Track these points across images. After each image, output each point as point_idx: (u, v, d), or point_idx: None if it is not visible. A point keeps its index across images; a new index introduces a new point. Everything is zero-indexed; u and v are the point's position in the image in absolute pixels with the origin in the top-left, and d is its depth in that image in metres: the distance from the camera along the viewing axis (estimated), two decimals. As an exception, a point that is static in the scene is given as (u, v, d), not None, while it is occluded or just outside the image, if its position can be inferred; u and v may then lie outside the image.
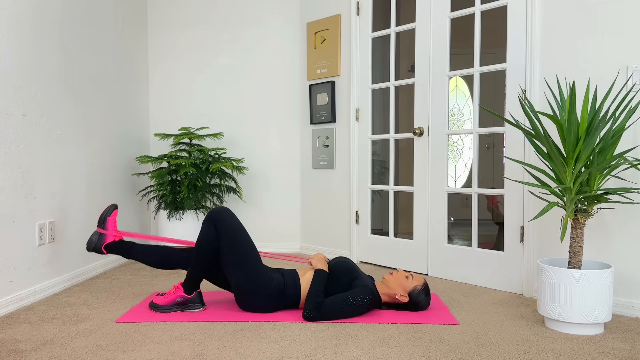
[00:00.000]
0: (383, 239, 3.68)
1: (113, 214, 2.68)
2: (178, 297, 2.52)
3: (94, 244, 2.65)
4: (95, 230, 2.68)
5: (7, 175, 2.55)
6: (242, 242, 2.46)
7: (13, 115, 2.60)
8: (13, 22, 2.60)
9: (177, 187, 3.81)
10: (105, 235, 2.66)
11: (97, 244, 2.65)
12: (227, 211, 2.51)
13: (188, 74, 4.31)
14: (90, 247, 2.66)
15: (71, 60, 3.13)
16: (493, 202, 4.45)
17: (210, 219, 2.48)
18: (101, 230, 2.66)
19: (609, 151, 2.23)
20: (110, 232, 2.66)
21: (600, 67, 2.60)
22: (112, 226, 2.67)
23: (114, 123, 3.70)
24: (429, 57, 3.35)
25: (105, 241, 2.65)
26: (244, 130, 4.29)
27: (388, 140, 4.17)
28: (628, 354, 2.00)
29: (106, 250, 2.66)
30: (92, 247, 2.65)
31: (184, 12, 4.29)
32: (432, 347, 2.06)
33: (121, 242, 2.67)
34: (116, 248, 2.66)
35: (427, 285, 2.55)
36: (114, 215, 2.68)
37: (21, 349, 2.03)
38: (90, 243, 2.65)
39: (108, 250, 2.66)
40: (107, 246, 2.65)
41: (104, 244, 2.65)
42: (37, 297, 2.76)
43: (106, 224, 2.66)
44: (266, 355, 1.97)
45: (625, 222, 2.54)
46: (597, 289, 2.20)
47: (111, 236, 2.66)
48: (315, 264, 2.56)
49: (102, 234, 2.66)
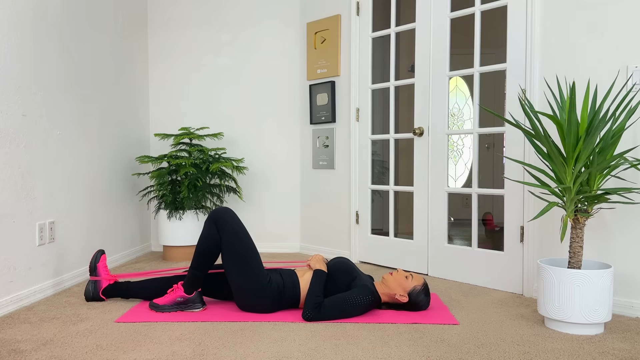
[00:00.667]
0: (383, 239, 3.68)
1: (102, 260, 2.72)
2: (178, 297, 2.53)
3: (91, 293, 2.70)
4: (89, 280, 2.71)
5: (7, 175, 2.55)
6: (243, 242, 2.46)
7: (13, 115, 2.60)
8: (13, 22, 2.60)
9: (177, 187, 3.81)
10: (100, 281, 2.70)
11: (94, 292, 2.70)
12: (228, 211, 2.51)
13: (188, 73, 4.31)
14: (89, 297, 2.70)
15: (71, 60, 3.13)
16: (490, 225, 4.44)
17: (211, 218, 2.48)
18: (94, 278, 2.70)
19: (609, 151, 2.23)
20: (103, 277, 2.71)
21: (600, 67, 2.61)
22: (104, 271, 2.72)
23: (114, 123, 3.70)
24: (429, 57, 3.35)
25: (101, 287, 2.70)
26: (244, 130, 4.29)
27: (388, 140, 4.18)
28: (628, 354, 2.00)
29: (104, 296, 2.70)
30: (90, 296, 2.70)
31: (184, 12, 4.29)
32: (432, 347, 2.06)
33: (116, 284, 2.72)
34: (113, 291, 2.71)
35: (426, 285, 2.55)
36: (103, 261, 2.73)
37: (21, 349, 2.03)
38: (87, 293, 2.70)
39: (106, 296, 2.71)
40: (104, 292, 2.70)
41: (100, 290, 2.70)
42: (37, 297, 2.76)
43: (97, 270, 2.70)
44: (266, 355, 1.97)
45: (625, 222, 2.54)
46: (597, 289, 2.20)
47: (105, 281, 2.71)
48: (314, 265, 2.56)
49: (96, 282, 2.71)
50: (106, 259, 2.77)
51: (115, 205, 3.70)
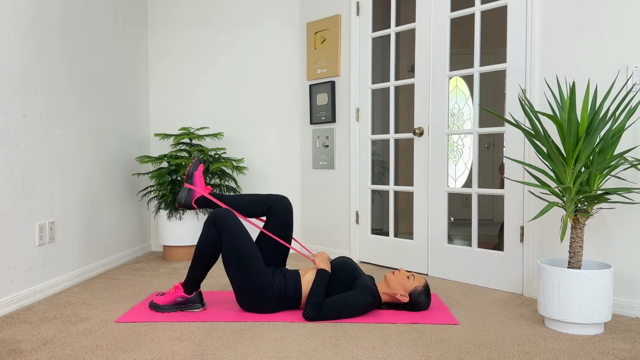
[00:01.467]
0: (383, 239, 3.68)
1: (199, 169, 2.66)
2: (178, 297, 2.53)
3: (184, 200, 2.63)
4: (184, 187, 2.65)
5: (7, 175, 2.56)
6: (243, 243, 2.45)
7: (13, 115, 2.60)
8: (13, 22, 2.60)
9: (177, 187, 3.81)
10: (194, 190, 2.64)
11: (187, 199, 2.63)
12: (228, 212, 2.51)
13: (188, 73, 4.31)
14: (181, 203, 2.63)
15: (71, 60, 3.13)
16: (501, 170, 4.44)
17: (211, 219, 2.48)
18: (189, 185, 2.63)
19: (609, 151, 2.23)
20: (198, 187, 2.64)
21: (600, 67, 2.61)
22: (200, 181, 2.65)
23: (114, 123, 3.70)
24: (429, 57, 3.35)
25: (194, 196, 2.63)
26: (244, 130, 4.29)
27: (388, 140, 4.18)
28: (628, 354, 2.01)
29: (196, 205, 2.64)
30: (182, 203, 2.63)
31: (184, 12, 4.30)
32: (432, 347, 2.06)
33: (211, 195, 2.67)
34: (206, 202, 2.64)
35: (427, 286, 2.55)
36: (200, 170, 2.66)
37: (21, 349, 2.03)
38: (180, 199, 2.63)
39: (198, 205, 2.64)
40: (197, 201, 2.64)
41: (193, 198, 2.63)
42: (37, 297, 2.76)
43: (194, 179, 2.64)
44: (266, 355, 1.97)
45: (625, 222, 2.54)
46: (597, 289, 2.20)
47: (200, 190, 2.64)
48: (319, 263, 2.56)
49: (190, 190, 2.64)
50: (203, 169, 2.71)
51: (115, 205, 3.70)
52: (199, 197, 2.64)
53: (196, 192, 2.64)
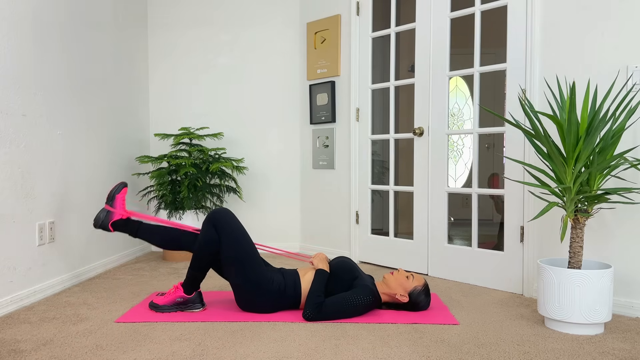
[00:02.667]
0: (383, 239, 3.68)
1: (122, 192, 2.64)
2: (178, 297, 2.53)
3: (101, 221, 2.60)
4: (103, 207, 2.63)
5: (7, 175, 2.55)
6: (242, 242, 2.45)
7: (13, 115, 2.60)
8: (13, 22, 2.60)
9: (177, 187, 3.81)
10: (113, 212, 2.61)
11: (105, 221, 2.60)
12: (227, 212, 2.51)
13: (188, 74, 4.31)
14: (98, 224, 2.61)
15: (71, 60, 3.13)
16: (496, 184, 4.45)
17: (210, 219, 2.48)
18: (109, 207, 2.62)
19: (609, 151, 2.23)
20: (118, 210, 2.61)
21: (600, 67, 2.61)
22: (121, 204, 2.63)
23: (114, 123, 3.70)
24: (429, 57, 3.35)
25: (112, 218, 2.60)
26: (244, 130, 4.29)
27: (388, 140, 4.17)
28: (628, 354, 2.00)
29: (113, 228, 2.61)
30: (99, 223, 2.61)
31: (184, 12, 4.29)
32: (432, 347, 2.06)
33: (128, 220, 2.63)
34: (123, 226, 2.62)
35: (427, 286, 2.55)
36: (123, 194, 2.64)
37: (21, 349, 2.03)
38: (97, 220, 2.61)
39: (115, 228, 2.61)
40: (114, 224, 2.61)
41: (111, 221, 2.61)
42: (37, 297, 2.76)
43: (115, 201, 2.62)
44: (266, 355, 1.97)
45: (625, 222, 2.54)
46: (597, 289, 2.20)
47: (119, 214, 2.61)
48: (317, 263, 2.56)
49: (109, 212, 2.62)
50: (126, 193, 2.69)
51: (115, 205, 3.70)
52: (117, 220, 2.62)
53: (115, 215, 2.62)
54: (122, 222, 2.62)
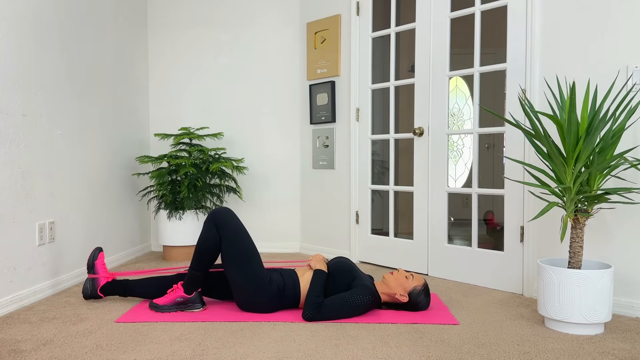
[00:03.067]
0: (383, 239, 3.68)
1: (100, 257, 2.70)
2: (178, 297, 2.53)
3: (89, 291, 2.67)
4: (87, 277, 2.70)
5: (7, 175, 2.55)
6: (243, 242, 2.46)
7: (13, 115, 2.60)
8: (13, 22, 2.60)
9: (177, 187, 3.81)
10: (98, 279, 2.68)
11: (92, 289, 2.67)
12: (228, 211, 2.51)
13: (188, 73, 4.31)
14: (87, 295, 2.68)
15: (71, 60, 3.13)
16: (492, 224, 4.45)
17: (211, 219, 2.48)
18: (92, 275, 2.68)
19: (609, 151, 2.23)
20: (101, 275, 2.68)
21: (600, 67, 2.60)
22: (102, 269, 2.70)
23: (114, 123, 3.70)
24: (429, 57, 3.35)
25: (99, 285, 2.68)
26: (244, 130, 4.29)
27: (388, 140, 4.18)
28: (628, 354, 2.00)
29: (102, 294, 2.68)
30: (88, 294, 2.68)
31: (184, 12, 4.29)
32: (432, 347, 2.06)
33: (114, 282, 2.70)
34: (111, 289, 2.68)
35: (427, 286, 2.55)
36: (102, 258, 2.71)
37: (21, 349, 2.03)
38: (85, 291, 2.68)
39: (104, 293, 2.68)
40: (102, 289, 2.68)
41: (98, 287, 2.67)
42: (37, 297, 2.76)
43: (95, 268, 2.68)
44: (266, 355, 1.97)
45: (625, 222, 2.54)
46: (597, 289, 2.20)
47: (103, 278, 2.69)
48: (314, 264, 2.56)
49: (94, 279, 2.68)
50: (104, 257, 2.75)
51: (115, 205, 3.70)
52: (103, 284, 2.68)
53: (100, 280, 2.68)
54: (108, 286, 2.69)
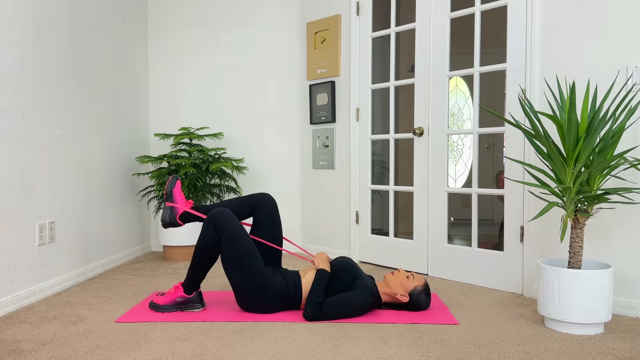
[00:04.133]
0: (383, 239, 3.68)
1: (177, 186, 2.67)
2: (178, 297, 2.53)
3: (168, 218, 2.64)
4: (165, 206, 2.66)
5: (7, 175, 2.56)
6: (242, 243, 2.45)
7: (13, 115, 2.60)
8: (13, 22, 2.60)
9: (177, 187, 3.81)
10: (176, 207, 2.65)
11: (172, 217, 2.64)
12: (227, 212, 2.51)
13: (188, 73, 4.31)
14: (166, 223, 2.65)
15: (71, 60, 3.13)
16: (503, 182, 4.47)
17: (210, 220, 2.48)
18: (170, 204, 2.65)
19: (609, 151, 2.23)
20: (180, 203, 2.65)
21: (600, 67, 2.61)
22: (180, 197, 2.66)
23: (114, 123, 3.70)
24: (429, 57, 3.35)
25: (178, 213, 2.64)
26: (244, 130, 4.29)
27: (388, 140, 4.18)
28: (628, 354, 2.01)
29: (182, 221, 2.65)
30: (167, 222, 2.64)
31: (184, 12, 4.30)
32: (432, 347, 2.06)
33: (193, 209, 2.67)
34: (190, 216, 2.65)
35: (427, 286, 2.55)
36: (179, 186, 2.68)
37: (21, 349, 2.03)
38: (164, 219, 2.64)
39: (183, 220, 2.65)
40: (181, 217, 2.65)
41: (177, 215, 2.64)
42: (37, 297, 2.76)
43: (174, 196, 2.65)
44: (266, 355, 1.97)
45: (625, 222, 2.54)
46: (597, 289, 2.20)
47: (182, 207, 2.65)
48: (318, 263, 2.56)
49: (173, 207, 2.65)
50: (181, 185, 2.72)
51: (115, 205, 3.70)
52: (182, 212, 2.65)
53: (179, 209, 2.66)
54: (187, 214, 2.65)
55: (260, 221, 2.68)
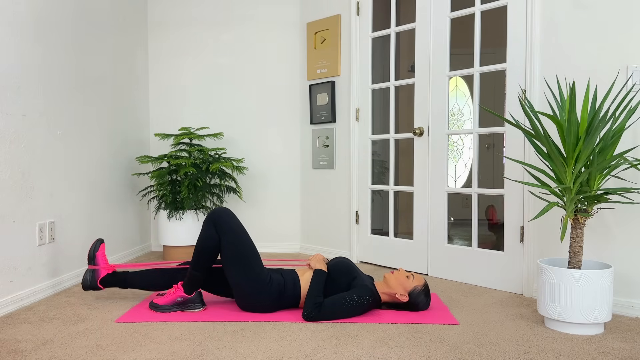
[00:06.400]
0: (383, 239, 3.68)
1: (101, 249, 2.69)
2: (178, 297, 2.53)
3: (89, 282, 2.64)
4: (87, 269, 2.67)
5: (7, 175, 2.56)
6: (242, 242, 2.45)
7: (13, 115, 2.60)
8: (13, 22, 2.60)
9: (177, 187, 3.81)
10: (98, 270, 2.66)
11: (92, 281, 2.64)
12: (227, 211, 2.51)
13: (188, 73, 4.31)
14: (86, 286, 2.65)
15: (71, 60, 3.13)
16: (494, 219, 4.46)
17: (210, 219, 2.48)
18: (92, 266, 2.66)
19: (609, 151, 2.23)
20: (102, 266, 2.66)
21: (600, 67, 2.60)
22: (103, 260, 2.67)
23: (114, 123, 3.70)
24: (429, 57, 3.35)
25: (99, 276, 2.65)
26: (244, 130, 4.29)
27: (388, 140, 4.17)
28: (628, 354, 2.00)
29: (102, 285, 2.65)
30: (87, 285, 2.65)
31: (184, 12, 4.29)
32: (432, 347, 2.06)
33: (114, 274, 2.68)
34: (111, 281, 2.66)
35: (427, 286, 2.55)
36: (102, 250, 2.69)
37: (21, 349, 2.03)
38: (85, 282, 2.65)
39: (104, 285, 2.66)
40: (102, 281, 2.65)
41: (98, 279, 2.65)
42: (37, 297, 2.76)
43: (96, 259, 2.66)
44: (266, 355, 1.97)
45: (625, 222, 2.54)
46: (597, 289, 2.20)
47: (104, 270, 2.66)
48: (314, 264, 2.56)
49: (94, 270, 2.66)
50: (105, 248, 2.74)
51: (115, 205, 3.70)
52: (103, 276, 2.65)
53: (100, 272, 2.66)
54: (109, 277, 2.66)
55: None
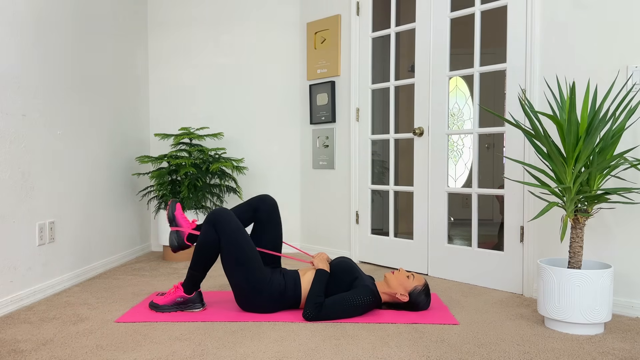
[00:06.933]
0: (383, 239, 3.68)
1: (178, 209, 2.68)
2: (178, 297, 2.53)
3: (176, 243, 2.64)
4: (171, 231, 2.67)
5: (7, 175, 2.56)
6: (242, 243, 2.45)
7: (13, 115, 2.60)
8: (13, 22, 2.60)
9: (177, 187, 3.81)
10: (182, 230, 2.65)
11: (179, 240, 2.64)
12: (226, 212, 2.51)
13: (188, 73, 4.31)
14: (175, 247, 2.64)
15: (71, 60, 3.13)
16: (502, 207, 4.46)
17: (209, 220, 2.48)
18: (175, 228, 2.65)
19: (609, 151, 2.23)
20: (184, 225, 2.66)
21: (600, 67, 2.60)
22: (183, 219, 2.67)
23: (114, 123, 3.70)
24: (429, 57, 3.35)
25: (184, 235, 2.64)
26: (244, 130, 4.29)
27: (388, 140, 4.18)
28: (628, 354, 2.01)
29: (190, 242, 2.65)
30: (176, 246, 2.64)
31: (184, 12, 4.29)
32: (432, 347, 2.06)
33: (199, 227, 2.67)
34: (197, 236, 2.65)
35: (427, 286, 2.55)
36: (179, 209, 2.69)
37: (21, 349, 2.03)
38: (172, 243, 2.64)
39: (192, 242, 2.65)
40: (188, 238, 2.65)
41: (184, 237, 2.64)
42: (37, 297, 2.76)
43: (177, 220, 2.66)
44: (266, 355, 1.97)
45: (625, 222, 2.54)
46: (597, 289, 2.20)
47: (187, 228, 2.65)
48: (317, 263, 2.57)
49: (178, 231, 2.65)
50: (181, 208, 2.72)
51: (115, 205, 3.70)
52: (188, 234, 2.66)
53: (184, 232, 2.66)
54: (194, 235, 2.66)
55: (261, 221, 2.70)
